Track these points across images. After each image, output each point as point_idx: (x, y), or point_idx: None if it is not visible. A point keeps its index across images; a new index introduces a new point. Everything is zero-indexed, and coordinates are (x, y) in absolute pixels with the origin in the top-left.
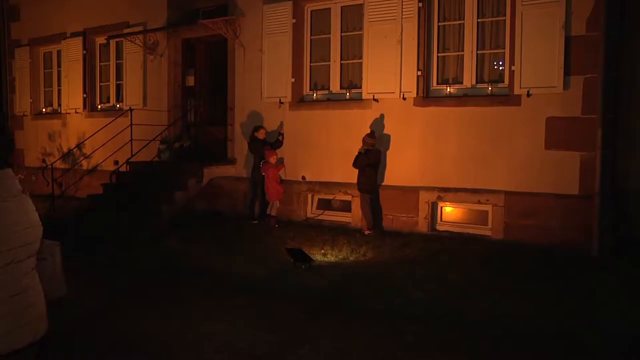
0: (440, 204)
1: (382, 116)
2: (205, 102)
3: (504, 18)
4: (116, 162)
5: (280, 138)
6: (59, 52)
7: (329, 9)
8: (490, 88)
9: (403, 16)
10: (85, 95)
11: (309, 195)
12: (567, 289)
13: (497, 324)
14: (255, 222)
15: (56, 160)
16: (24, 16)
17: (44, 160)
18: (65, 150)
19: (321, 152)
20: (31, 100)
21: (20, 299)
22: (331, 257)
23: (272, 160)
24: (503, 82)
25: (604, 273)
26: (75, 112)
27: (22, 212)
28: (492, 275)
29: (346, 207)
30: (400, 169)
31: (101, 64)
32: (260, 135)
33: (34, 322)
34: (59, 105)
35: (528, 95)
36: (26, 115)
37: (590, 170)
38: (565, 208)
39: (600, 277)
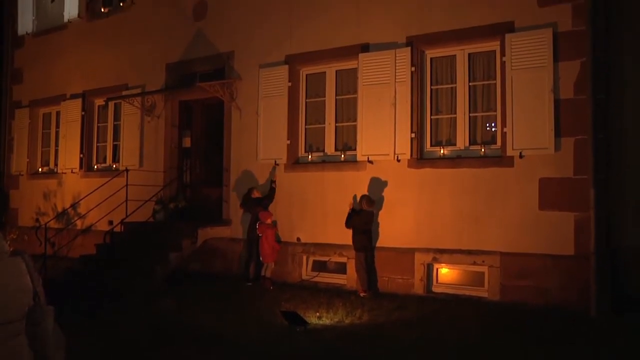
0: (436, 265)
1: (376, 178)
2: (201, 163)
3: (494, 82)
4: (110, 223)
5: (273, 185)
6: (58, 113)
7: (324, 72)
8: (483, 149)
9: (396, 80)
10: (82, 156)
11: (304, 257)
12: (568, 350)
13: None
14: (250, 283)
15: (50, 220)
16: (27, 79)
17: (37, 220)
18: (59, 209)
19: (316, 214)
20: (28, 160)
21: None
22: (326, 320)
23: (269, 221)
24: (495, 143)
25: (605, 333)
26: (72, 172)
27: (4, 275)
28: (490, 337)
29: (341, 268)
30: (395, 230)
31: (99, 124)
32: (255, 194)
33: None
34: (56, 165)
35: (520, 156)
36: (22, 175)
37: (584, 230)
38: (562, 268)
39: (601, 337)
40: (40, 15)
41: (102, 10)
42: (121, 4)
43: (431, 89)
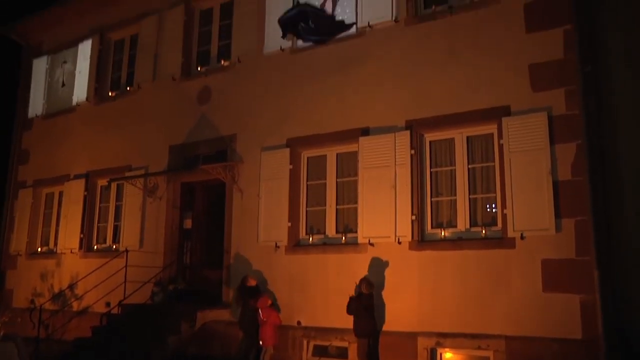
0: (440, 350)
1: (378, 260)
2: (202, 244)
3: (493, 164)
4: (108, 304)
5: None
6: (61, 193)
7: (325, 155)
8: (484, 231)
9: (396, 163)
10: (82, 236)
11: (305, 341)
12: None
13: None
14: None
15: (46, 302)
16: (33, 159)
17: (32, 301)
18: (56, 290)
19: (317, 297)
20: (27, 240)
21: None
22: None
23: (269, 302)
24: (496, 225)
25: None
26: (71, 252)
27: None
28: None
29: (343, 353)
30: (397, 313)
31: (101, 205)
32: (250, 282)
33: None
34: (55, 244)
35: (522, 237)
36: (20, 255)
37: (591, 312)
38: (570, 353)
39: None
40: (50, 99)
41: (110, 94)
42: (128, 89)
43: (431, 172)
